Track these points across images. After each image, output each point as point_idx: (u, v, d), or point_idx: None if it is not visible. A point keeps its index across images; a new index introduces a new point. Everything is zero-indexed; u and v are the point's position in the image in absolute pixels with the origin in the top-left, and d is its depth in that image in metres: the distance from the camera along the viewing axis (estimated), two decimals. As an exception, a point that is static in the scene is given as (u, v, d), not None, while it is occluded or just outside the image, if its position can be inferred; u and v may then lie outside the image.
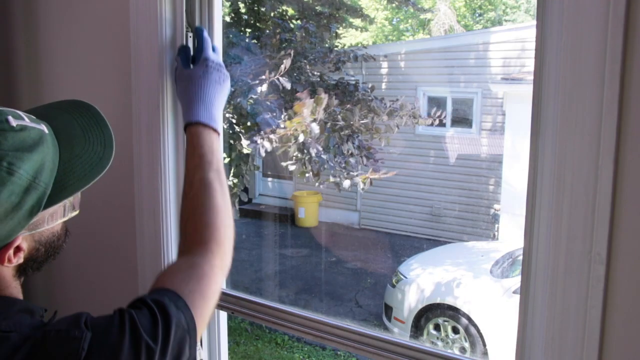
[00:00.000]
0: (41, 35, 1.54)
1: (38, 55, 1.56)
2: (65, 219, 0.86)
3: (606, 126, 0.77)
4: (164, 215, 1.29)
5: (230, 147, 4.64)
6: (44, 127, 0.80)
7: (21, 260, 0.81)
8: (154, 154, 1.28)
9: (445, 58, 7.70)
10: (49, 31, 1.53)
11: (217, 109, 1.10)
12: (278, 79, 4.22)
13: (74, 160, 0.82)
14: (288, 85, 4.28)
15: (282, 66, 4.19)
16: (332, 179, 4.72)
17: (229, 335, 1.44)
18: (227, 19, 5.68)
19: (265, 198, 9.52)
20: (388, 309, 5.09)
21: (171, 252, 1.30)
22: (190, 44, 1.24)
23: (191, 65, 1.16)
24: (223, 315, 1.38)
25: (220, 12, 1.29)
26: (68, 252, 0.93)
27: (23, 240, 0.80)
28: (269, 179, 9.90)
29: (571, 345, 0.83)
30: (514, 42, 7.22)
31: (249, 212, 8.64)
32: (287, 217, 8.76)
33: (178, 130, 1.27)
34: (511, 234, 6.33)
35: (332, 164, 4.53)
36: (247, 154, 4.81)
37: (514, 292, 4.25)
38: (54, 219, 0.83)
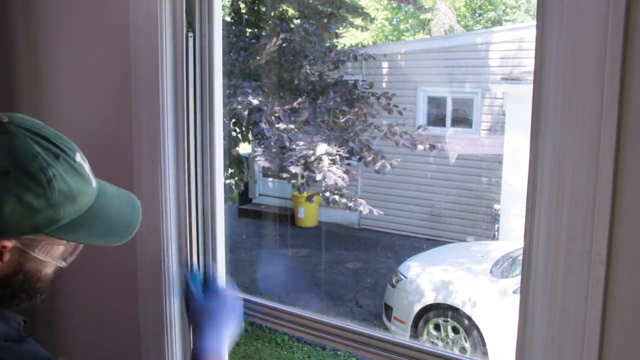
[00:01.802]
0: (41, 35, 1.54)
1: (38, 55, 1.56)
2: (56, 262, 0.86)
3: (606, 126, 0.77)
4: (164, 215, 1.29)
5: (229, 152, 4.65)
6: (93, 180, 0.86)
7: None
8: (154, 154, 1.28)
9: (445, 58, 7.70)
10: (49, 31, 1.52)
11: (226, 338, 1.16)
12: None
13: (95, 219, 0.85)
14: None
15: (270, 44, 4.19)
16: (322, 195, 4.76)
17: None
18: (228, 18, 5.68)
19: (265, 198, 9.51)
20: (388, 309, 5.09)
21: (171, 252, 1.30)
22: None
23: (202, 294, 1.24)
24: (223, 315, 1.38)
25: (220, 12, 1.29)
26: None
27: (10, 251, 0.79)
28: (269, 179, 9.90)
29: (571, 345, 0.83)
30: (514, 42, 7.22)
31: (249, 212, 8.64)
32: (287, 217, 8.76)
33: (178, 130, 1.27)
34: (511, 234, 6.33)
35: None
36: (244, 158, 4.82)
37: (514, 292, 4.25)
38: (48, 253, 0.83)
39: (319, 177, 4.52)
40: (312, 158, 4.52)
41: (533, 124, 0.87)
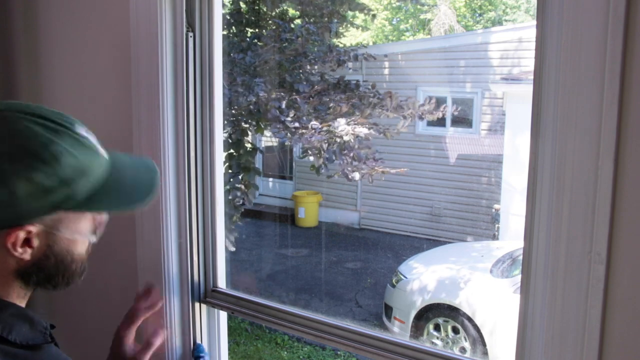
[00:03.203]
0: (41, 35, 1.54)
1: (38, 55, 1.56)
2: (85, 238, 0.86)
3: (606, 126, 0.77)
4: (164, 215, 1.29)
5: (238, 143, 4.65)
6: (103, 152, 0.86)
7: (27, 257, 0.80)
8: (154, 154, 1.28)
9: (445, 58, 7.70)
10: (49, 31, 1.53)
11: None
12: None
13: (113, 188, 0.85)
14: None
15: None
16: (340, 172, 4.80)
17: (229, 335, 1.44)
18: (228, 18, 5.68)
19: (266, 198, 9.52)
20: (388, 309, 5.10)
21: (171, 252, 1.30)
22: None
23: None
24: (223, 315, 1.38)
25: (220, 12, 1.29)
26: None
27: (36, 235, 0.79)
28: (269, 179, 9.91)
29: (571, 345, 0.83)
30: (513, 42, 7.23)
31: (249, 212, 8.64)
32: (287, 217, 8.76)
33: (178, 130, 1.27)
34: (511, 234, 6.33)
35: (342, 157, 4.61)
36: (254, 150, 4.83)
37: (514, 292, 4.25)
38: (74, 230, 0.83)
39: (346, 137, 4.54)
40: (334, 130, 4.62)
41: (533, 124, 0.87)
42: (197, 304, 1.34)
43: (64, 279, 0.86)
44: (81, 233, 0.84)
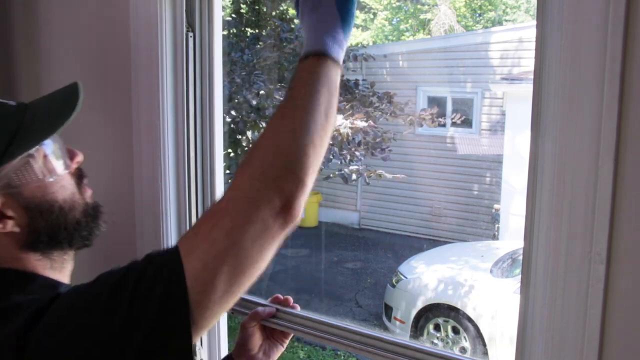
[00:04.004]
0: (41, 35, 1.54)
1: (38, 55, 1.56)
2: (51, 179, 0.83)
3: (606, 126, 0.77)
4: (164, 215, 1.29)
5: (235, 142, 4.66)
6: (11, 102, 0.85)
7: (17, 229, 0.80)
8: (154, 154, 1.28)
9: (445, 58, 7.70)
10: (49, 31, 1.53)
11: (317, 33, 0.83)
12: None
13: (33, 122, 0.82)
14: None
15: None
16: (337, 173, 4.79)
17: (229, 335, 1.44)
18: (228, 18, 5.68)
19: (265, 198, 9.49)
20: (388, 309, 5.10)
21: (171, 252, 1.30)
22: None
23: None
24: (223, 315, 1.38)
25: (220, 12, 1.29)
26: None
27: (5, 205, 0.79)
28: (269, 179, 9.88)
29: (571, 345, 0.83)
30: (513, 42, 7.23)
31: (249, 212, 8.63)
32: (287, 217, 8.73)
33: (178, 130, 1.27)
34: (511, 234, 6.33)
35: (339, 157, 4.61)
36: None
37: (514, 292, 4.25)
38: (26, 177, 0.80)
39: (343, 130, 4.51)
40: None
41: (533, 124, 0.87)
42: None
43: (70, 231, 0.85)
44: (38, 175, 0.81)
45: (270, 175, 0.71)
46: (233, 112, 4.56)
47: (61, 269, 0.87)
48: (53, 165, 0.84)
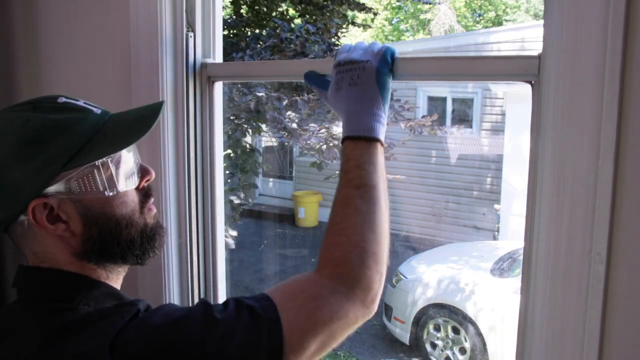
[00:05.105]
0: (41, 35, 1.54)
1: (38, 55, 1.56)
2: (110, 194, 0.83)
3: (606, 126, 0.77)
4: (164, 216, 1.29)
5: (237, 144, 4.66)
6: (95, 109, 0.86)
7: (67, 234, 0.81)
8: (154, 154, 1.28)
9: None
10: (49, 31, 1.53)
11: (361, 112, 0.90)
12: None
13: (109, 133, 0.84)
14: None
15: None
16: (337, 173, 4.79)
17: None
18: (228, 18, 5.68)
19: (266, 198, 9.52)
20: (388, 309, 5.10)
21: (171, 253, 1.30)
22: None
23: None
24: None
25: (220, 12, 1.29)
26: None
27: (62, 208, 0.80)
28: (270, 179, 9.91)
29: (571, 345, 0.83)
30: (514, 42, 7.23)
31: (249, 213, 8.66)
32: (287, 217, 8.76)
33: (178, 131, 1.27)
34: (511, 233, 6.33)
35: (339, 157, 4.62)
36: (252, 150, 4.84)
37: (514, 292, 4.25)
38: (88, 187, 0.81)
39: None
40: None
41: (533, 124, 0.87)
42: (197, 304, 1.34)
43: (123, 248, 0.85)
44: (99, 187, 0.82)
45: (367, 278, 0.81)
46: (232, 117, 4.57)
47: (116, 279, 0.89)
48: (117, 180, 0.84)
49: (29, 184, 0.79)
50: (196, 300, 1.34)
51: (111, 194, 0.83)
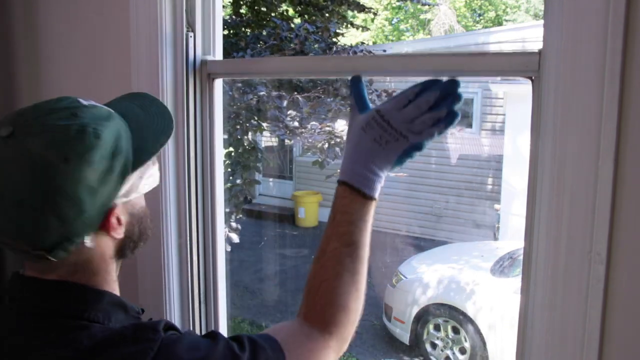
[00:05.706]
0: (41, 35, 1.54)
1: (38, 55, 1.56)
2: (142, 191, 0.86)
3: (606, 126, 0.77)
4: (164, 217, 1.29)
5: (238, 142, 4.66)
6: (111, 111, 0.85)
7: (121, 235, 0.82)
8: (154, 154, 1.28)
9: (445, 58, 7.68)
10: (49, 31, 1.53)
11: (371, 169, 0.90)
12: None
13: (144, 130, 0.85)
14: None
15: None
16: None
17: (228, 335, 1.44)
18: (228, 19, 5.68)
19: (266, 198, 9.52)
20: (388, 309, 5.10)
21: (171, 254, 1.30)
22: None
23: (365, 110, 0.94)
24: (223, 314, 1.38)
25: (220, 12, 1.29)
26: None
27: (121, 212, 0.81)
28: (270, 179, 9.91)
29: (571, 345, 0.83)
30: (514, 42, 7.23)
31: (249, 212, 8.66)
32: (287, 217, 8.76)
33: (178, 131, 1.27)
34: (511, 233, 6.33)
35: (340, 157, 4.63)
36: (253, 148, 4.85)
37: (514, 292, 4.25)
38: (138, 188, 0.83)
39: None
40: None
41: (533, 124, 0.87)
42: (197, 305, 1.34)
43: (144, 237, 0.89)
44: (142, 183, 0.84)
45: (349, 333, 0.92)
46: (233, 116, 4.57)
47: (114, 281, 0.89)
48: (151, 173, 0.87)
49: (113, 193, 0.78)
50: (196, 300, 1.34)
51: (148, 188, 0.86)
